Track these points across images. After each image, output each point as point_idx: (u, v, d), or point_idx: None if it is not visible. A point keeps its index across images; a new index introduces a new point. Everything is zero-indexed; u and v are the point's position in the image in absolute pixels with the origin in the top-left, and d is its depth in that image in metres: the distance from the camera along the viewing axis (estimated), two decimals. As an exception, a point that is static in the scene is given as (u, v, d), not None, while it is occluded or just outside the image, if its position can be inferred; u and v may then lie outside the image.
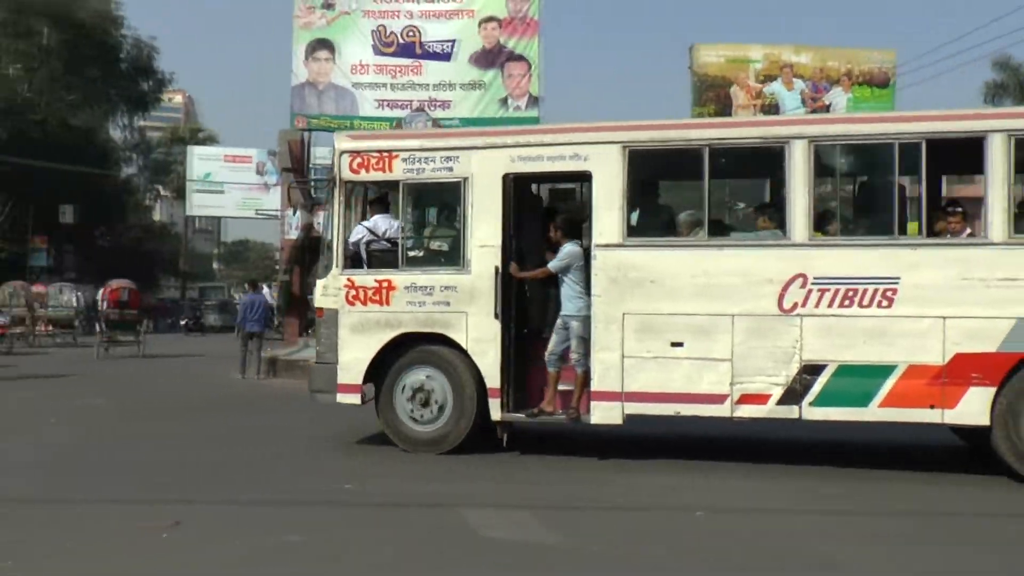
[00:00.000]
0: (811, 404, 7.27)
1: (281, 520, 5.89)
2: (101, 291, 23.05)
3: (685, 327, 7.51)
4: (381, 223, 8.56)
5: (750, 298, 7.39)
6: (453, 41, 19.32)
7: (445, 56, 19.35)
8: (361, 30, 19.47)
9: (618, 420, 7.69)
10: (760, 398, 7.37)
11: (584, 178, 8.03)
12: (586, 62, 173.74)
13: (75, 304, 22.93)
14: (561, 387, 7.96)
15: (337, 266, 8.38)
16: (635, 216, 7.88)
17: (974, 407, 6.98)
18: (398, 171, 8.21)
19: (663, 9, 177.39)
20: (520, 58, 19.28)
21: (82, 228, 38.11)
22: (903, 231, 7.38)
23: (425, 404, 8.15)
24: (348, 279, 8.30)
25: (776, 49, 40.40)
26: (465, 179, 8.00)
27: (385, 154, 8.25)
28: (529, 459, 8.06)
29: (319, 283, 8.63)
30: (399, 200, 8.37)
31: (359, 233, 8.52)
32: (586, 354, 7.79)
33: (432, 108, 19.00)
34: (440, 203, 8.65)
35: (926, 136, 7.17)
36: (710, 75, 39.45)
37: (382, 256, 8.45)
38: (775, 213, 7.68)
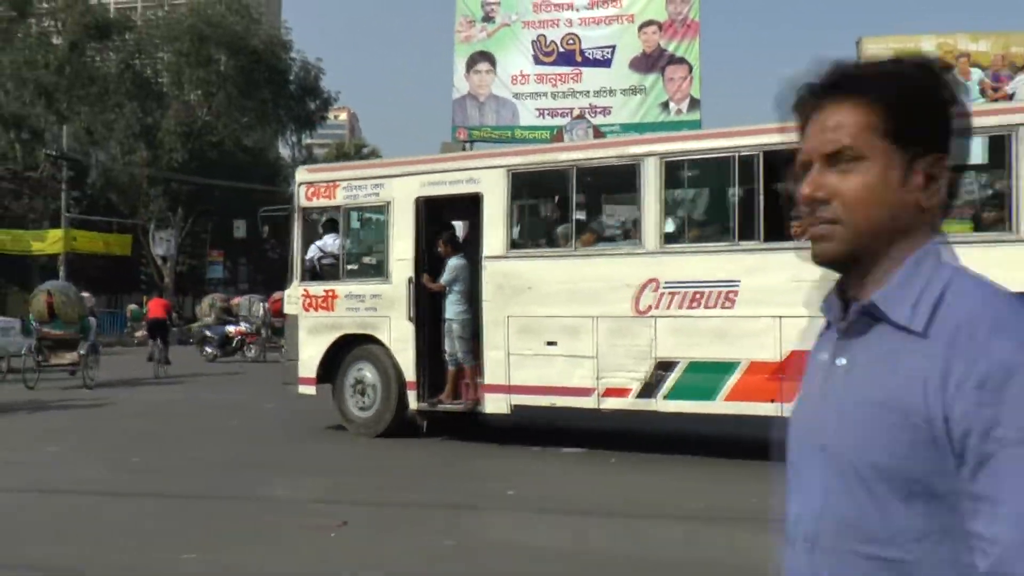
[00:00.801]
0: (664, 397, 7.98)
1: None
2: (266, 302, 24.25)
3: (558, 328, 8.39)
4: (329, 242, 10.02)
5: (610, 301, 8.17)
6: (612, 47, 19.17)
7: (605, 62, 19.23)
8: (521, 41, 19.62)
9: (506, 410, 8.70)
10: (622, 392, 8.16)
11: (478, 199, 8.91)
12: (747, 62, 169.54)
13: (260, 315, 24.17)
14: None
15: (297, 278, 9.99)
16: (517, 231, 9.09)
17: None
18: (340, 197, 9.73)
19: (831, 3, 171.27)
20: (681, 61, 18.92)
21: (254, 241, 40.23)
22: (746, 237, 7.77)
23: (363, 393, 9.52)
24: (304, 289, 9.82)
25: (951, 38, 38.06)
26: (388, 203, 9.36)
27: (330, 184, 9.82)
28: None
29: (285, 293, 10.29)
30: (341, 222, 9.82)
31: (312, 251, 10.06)
32: (467, 352, 9.03)
33: (592, 115, 18.92)
34: (371, 223, 10.08)
35: (763, 149, 7.58)
36: (879, 69, 37.66)
37: (330, 270, 9.93)
38: (613, 226, 8.85)
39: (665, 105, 18.97)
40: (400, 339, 9.19)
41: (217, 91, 36.96)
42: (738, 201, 8.05)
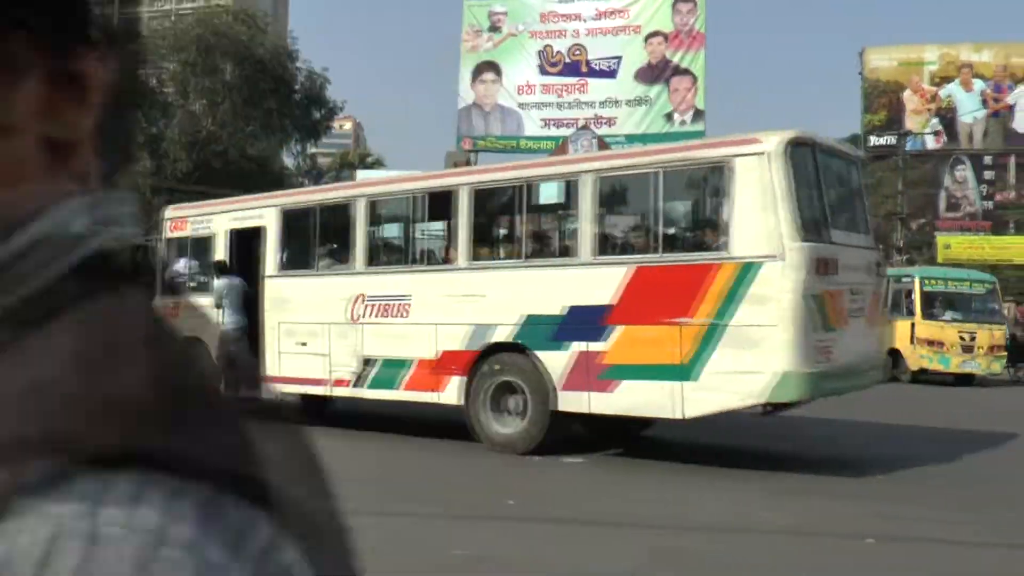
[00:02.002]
0: (367, 387, 9.97)
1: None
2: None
3: (306, 332, 10.43)
4: (181, 263, 12.11)
5: (336, 311, 10.14)
6: (618, 58, 19.31)
7: (610, 73, 19.36)
8: (527, 51, 19.76)
9: (276, 397, 10.30)
10: (344, 382, 10.15)
11: (262, 231, 11.03)
12: (752, 72, 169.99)
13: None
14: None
15: (160, 294, 11.77)
16: (285, 255, 10.94)
17: (453, 391, 9.18)
18: (188, 229, 11.99)
19: (834, 13, 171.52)
20: (686, 72, 19.05)
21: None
22: (415, 261, 10.04)
23: None
24: (164, 302, 11.57)
25: (953, 48, 38.32)
26: (214, 234, 11.52)
27: (182, 219, 12.12)
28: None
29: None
30: (189, 248, 11.97)
31: (169, 272, 11.48)
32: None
33: (598, 126, 19.02)
34: (207, 250, 11.80)
35: (428, 191, 9.90)
36: (881, 80, 37.82)
37: (179, 286, 11.15)
38: (340, 252, 10.59)
39: (669, 116, 19.11)
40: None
41: (223, 100, 37.11)
42: (417, 233, 10.34)
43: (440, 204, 9.74)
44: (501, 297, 8.97)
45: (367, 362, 9.92)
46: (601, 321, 8.30)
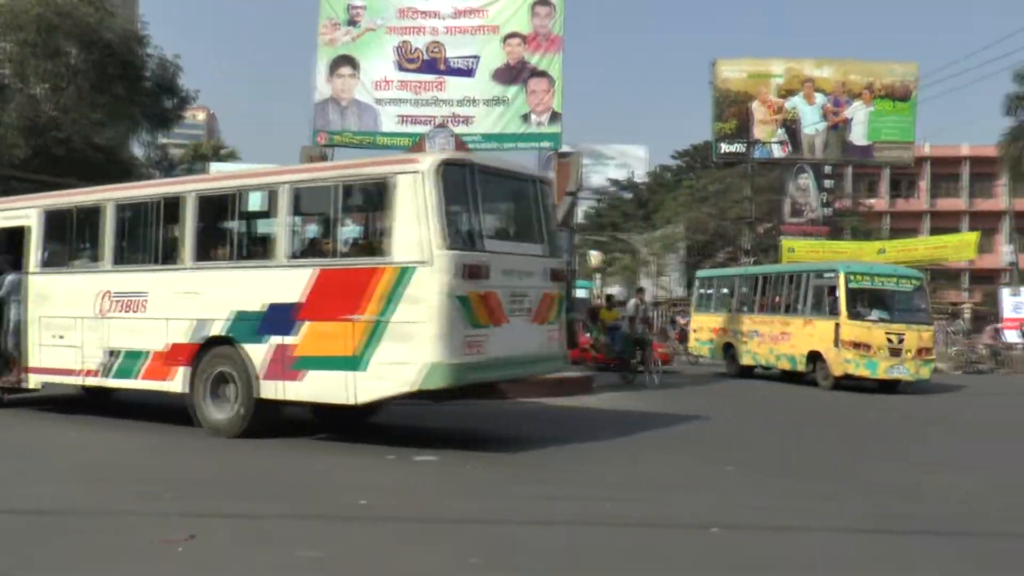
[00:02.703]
0: (112, 376, 10.72)
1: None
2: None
3: (62, 325, 11.13)
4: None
5: (87, 306, 10.85)
6: (476, 57, 19.38)
7: (468, 72, 19.41)
8: (385, 46, 19.58)
9: (39, 386, 11.63)
10: (94, 372, 10.88)
11: (26, 230, 11.74)
12: (610, 77, 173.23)
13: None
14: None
15: None
16: (47, 254, 11.63)
17: (180, 380, 10.01)
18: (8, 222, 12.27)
19: (687, 25, 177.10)
20: (543, 74, 19.30)
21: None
22: (151, 261, 10.66)
23: None
24: None
25: (797, 63, 40.33)
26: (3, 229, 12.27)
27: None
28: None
29: None
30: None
31: None
32: (15, 344, 11.70)
33: (455, 124, 19.04)
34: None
35: (163, 197, 10.66)
36: (732, 91, 39.43)
37: None
38: (92, 251, 11.24)
39: (527, 117, 19.30)
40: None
41: (67, 85, 35.13)
42: (154, 235, 10.78)
43: (172, 209, 10.44)
44: (217, 295, 9.89)
45: (112, 353, 10.68)
46: (293, 317, 9.26)
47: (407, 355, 8.53)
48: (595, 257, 56.86)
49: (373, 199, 9.42)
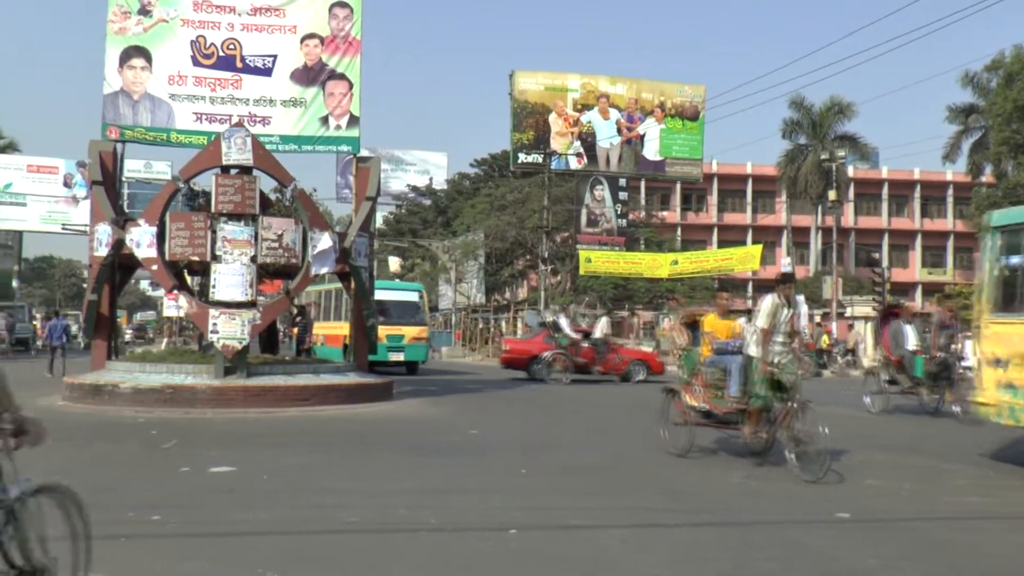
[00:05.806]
0: None
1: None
2: None
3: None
4: None
5: None
6: (274, 56, 19.23)
7: (265, 71, 19.24)
8: (179, 39, 19.06)
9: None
10: None
11: None
12: (410, 83, 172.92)
13: None
14: None
15: None
16: None
17: None
18: None
19: (487, 33, 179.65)
20: (342, 77, 19.42)
21: None
22: None
23: None
24: None
25: (593, 79, 42.30)
26: None
27: None
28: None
29: None
30: None
31: None
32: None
33: (252, 123, 18.77)
34: None
35: None
36: (530, 102, 40.84)
37: None
38: None
39: (325, 120, 19.36)
40: None
41: None
42: None
43: None
44: None
45: None
46: None
47: None
48: (394, 263, 57.08)
49: None
